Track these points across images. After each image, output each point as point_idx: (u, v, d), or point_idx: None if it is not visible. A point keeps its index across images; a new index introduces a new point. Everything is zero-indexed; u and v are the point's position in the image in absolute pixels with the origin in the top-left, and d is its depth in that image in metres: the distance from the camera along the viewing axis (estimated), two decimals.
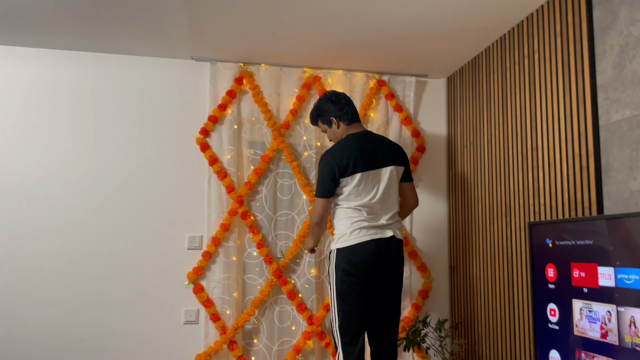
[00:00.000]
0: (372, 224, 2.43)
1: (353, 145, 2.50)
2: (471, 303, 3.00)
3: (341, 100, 2.62)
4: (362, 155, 2.47)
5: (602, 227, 1.83)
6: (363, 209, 2.44)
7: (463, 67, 3.23)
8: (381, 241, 2.42)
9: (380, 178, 2.49)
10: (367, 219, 2.44)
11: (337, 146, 2.53)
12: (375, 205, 2.46)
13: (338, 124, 2.61)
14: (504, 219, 2.68)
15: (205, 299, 3.01)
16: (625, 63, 1.91)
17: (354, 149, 2.48)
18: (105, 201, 3.02)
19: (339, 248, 2.44)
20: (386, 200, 2.50)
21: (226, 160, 3.14)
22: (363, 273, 2.38)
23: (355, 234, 2.41)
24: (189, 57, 3.17)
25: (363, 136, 2.57)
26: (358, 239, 2.41)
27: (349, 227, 2.43)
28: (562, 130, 2.24)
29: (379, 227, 2.44)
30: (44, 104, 3.03)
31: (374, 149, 2.51)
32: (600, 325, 1.83)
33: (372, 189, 2.47)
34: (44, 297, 2.89)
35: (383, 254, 2.41)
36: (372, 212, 2.45)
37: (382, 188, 2.48)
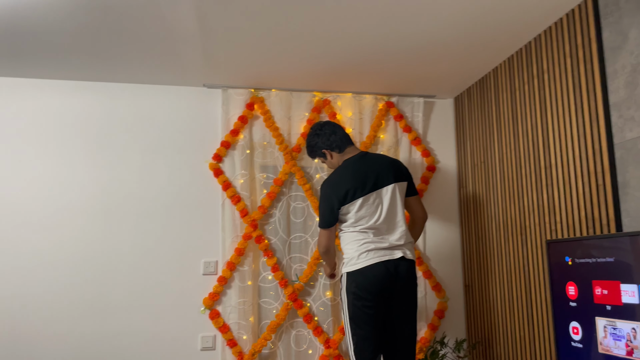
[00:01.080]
0: (380, 245, 2.43)
1: (349, 172, 2.51)
2: (488, 322, 2.99)
3: (326, 131, 2.64)
4: (360, 179, 2.47)
5: (623, 244, 1.85)
6: (369, 231, 2.45)
7: (470, 88, 3.27)
8: (390, 263, 2.40)
9: (383, 198, 2.49)
10: (373, 240, 2.44)
11: (333, 175, 2.57)
12: (381, 226, 2.46)
13: (331, 155, 2.65)
14: (519, 237, 2.70)
15: (221, 325, 3.00)
16: (638, 82, 1.94)
17: (350, 176, 2.49)
18: (120, 229, 3.04)
19: (348, 272, 2.44)
20: (392, 219, 2.49)
21: (239, 184, 3.17)
22: (373, 296, 2.37)
23: (363, 257, 2.41)
24: (201, 84, 3.21)
25: (359, 159, 2.57)
26: (366, 261, 2.40)
27: (357, 250, 2.43)
28: (577, 149, 2.27)
29: (387, 249, 2.44)
30: (58, 135, 3.06)
31: (372, 171, 2.51)
32: (626, 343, 1.83)
33: (376, 210, 2.47)
34: (59, 327, 2.88)
35: (392, 275, 2.40)
36: (378, 234, 2.45)
37: (385, 208, 2.47)
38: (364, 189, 2.46)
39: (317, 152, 2.70)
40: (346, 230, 2.51)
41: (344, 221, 2.52)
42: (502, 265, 2.85)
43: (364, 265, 2.39)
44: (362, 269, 2.39)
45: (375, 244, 2.43)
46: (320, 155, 2.70)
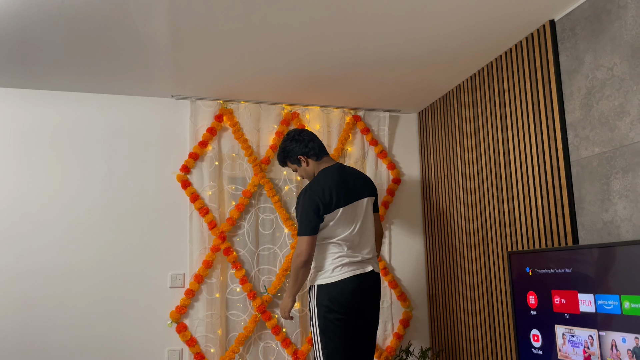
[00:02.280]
0: (353, 259, 2.46)
1: (332, 181, 2.50)
2: (452, 330, 3.09)
3: (305, 138, 2.61)
4: (343, 189, 2.48)
5: (581, 256, 1.97)
6: (343, 243, 2.46)
7: (434, 103, 3.39)
8: (362, 276, 2.44)
9: (358, 211, 2.51)
10: (347, 254, 2.46)
11: (315, 182, 2.52)
12: (355, 239, 2.48)
13: (307, 162, 2.60)
14: (481, 248, 2.81)
15: (189, 338, 2.98)
16: (592, 104, 2.08)
17: (333, 184, 2.48)
18: (85, 241, 2.97)
19: (320, 285, 2.44)
20: (364, 232, 2.53)
21: (207, 196, 3.16)
22: (346, 309, 2.40)
23: (337, 270, 2.42)
24: (169, 95, 3.20)
25: (338, 169, 2.58)
26: (340, 275, 2.41)
27: (331, 264, 2.44)
28: (536, 165, 2.39)
29: (359, 262, 2.47)
30: (20, 144, 2.97)
31: (351, 182, 2.54)
32: (583, 349, 1.94)
33: (352, 222, 2.48)
34: (21, 343, 2.78)
35: (365, 289, 2.45)
36: (352, 247, 2.48)
37: (360, 221, 2.50)
38: (346, 200, 2.47)
39: (291, 158, 2.62)
40: (320, 243, 2.50)
41: (321, 232, 2.48)
42: (465, 275, 2.96)
43: (339, 279, 2.41)
44: (336, 282, 2.41)
45: (349, 257, 2.45)
46: (294, 161, 2.63)
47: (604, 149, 2.02)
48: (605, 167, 2.01)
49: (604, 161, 2.02)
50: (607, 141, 2.01)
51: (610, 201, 1.98)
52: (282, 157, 2.67)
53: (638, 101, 1.88)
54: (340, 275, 2.42)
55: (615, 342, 1.80)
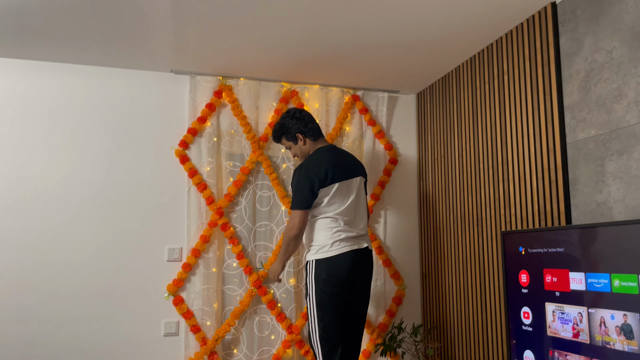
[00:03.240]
0: (350, 234, 2.54)
1: (327, 157, 2.60)
2: (443, 308, 3.15)
3: (305, 117, 2.69)
4: (337, 165, 2.58)
5: (573, 236, 2.01)
6: (340, 218, 2.55)
7: (433, 84, 3.40)
8: (359, 252, 2.55)
9: (352, 188, 2.61)
10: (344, 229, 2.54)
11: (311, 159, 2.62)
12: (350, 214, 2.58)
13: (304, 140, 2.68)
14: (475, 228, 2.85)
15: (185, 311, 3.02)
16: (591, 87, 2.11)
17: (328, 160, 2.58)
18: (84, 213, 2.99)
19: (318, 259, 2.51)
20: (358, 209, 2.64)
21: (205, 172, 3.17)
22: (343, 283, 2.48)
23: (336, 245, 2.51)
24: (169, 70, 3.19)
25: (332, 149, 2.69)
26: (339, 249, 2.50)
27: (330, 238, 2.52)
28: (532, 146, 2.42)
29: (355, 238, 2.56)
30: (20, 115, 2.97)
31: (345, 160, 2.66)
32: (572, 326, 2.00)
33: (347, 198, 2.58)
34: (18, 312, 2.82)
35: (360, 265, 2.55)
36: (348, 222, 2.57)
37: (353, 197, 2.60)
38: (341, 176, 2.57)
39: (288, 135, 2.69)
40: (318, 217, 2.57)
41: (317, 205, 2.57)
42: (458, 254, 3.01)
43: (337, 254, 2.49)
44: (334, 257, 2.49)
45: (347, 232, 2.53)
46: (291, 138, 2.69)
47: (600, 131, 2.05)
48: (600, 149, 2.04)
49: (600, 143, 2.05)
50: (603, 124, 2.04)
51: (604, 182, 2.02)
52: (278, 133, 2.74)
53: (636, 84, 1.91)
54: (339, 249, 2.50)
55: (604, 319, 1.86)
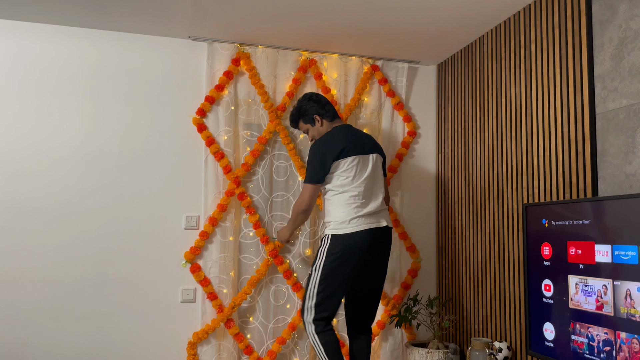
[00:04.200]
0: (368, 211, 2.56)
1: (343, 133, 2.65)
2: (459, 281, 3.14)
3: (322, 100, 2.76)
4: (353, 141, 2.61)
5: (600, 207, 1.97)
6: (359, 194, 2.56)
7: (455, 55, 3.33)
8: (378, 230, 2.56)
9: (369, 163, 2.63)
10: (363, 204, 2.56)
11: (327, 134, 2.67)
12: (368, 190, 2.59)
13: (322, 122, 2.74)
14: (495, 201, 2.82)
15: (202, 278, 3.04)
16: (624, 55, 2.04)
17: (344, 136, 2.63)
18: (102, 180, 2.99)
19: (335, 234, 2.53)
20: (376, 184, 2.65)
21: (223, 141, 3.15)
22: (357, 260, 2.51)
23: (354, 222, 2.53)
24: (187, 36, 3.14)
25: (348, 127, 2.73)
26: (357, 227, 2.52)
27: (348, 215, 2.54)
28: (559, 117, 2.37)
29: (374, 215, 2.58)
30: (36, 80, 2.95)
31: (361, 138, 2.68)
32: (596, 299, 1.98)
33: (364, 172, 2.60)
34: (40, 276, 2.85)
35: (378, 243, 2.57)
36: (366, 197, 2.58)
37: (369, 173, 2.62)
38: (357, 150, 2.59)
39: (307, 117, 2.76)
40: (337, 192, 2.59)
41: (333, 182, 2.59)
42: (476, 227, 2.98)
43: (354, 230, 2.51)
44: (352, 233, 2.51)
45: (365, 209, 2.55)
46: (309, 121, 2.76)
47: (632, 101, 1.99)
48: (632, 120, 1.99)
49: (632, 113, 1.99)
50: (636, 93, 1.98)
51: (634, 154, 1.97)
52: (296, 116, 2.80)
53: None
54: (357, 226, 2.52)
55: (630, 291, 1.83)
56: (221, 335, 3.05)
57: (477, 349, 2.66)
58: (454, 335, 3.17)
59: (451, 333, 3.19)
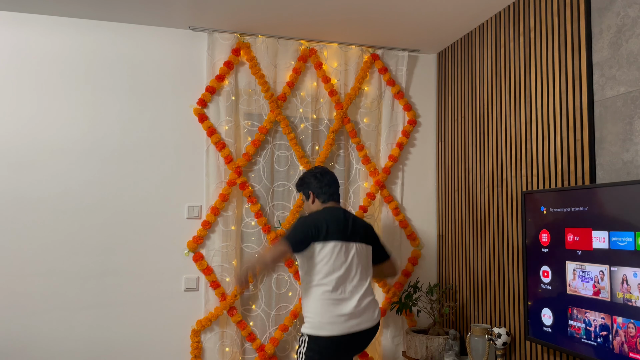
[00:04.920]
0: (347, 312, 2.37)
1: (329, 214, 2.51)
2: (459, 268, 3.17)
3: (324, 179, 2.64)
4: (337, 225, 2.46)
5: (598, 194, 2.00)
6: (334, 289, 2.38)
7: (455, 43, 3.33)
8: (355, 335, 2.39)
9: (352, 253, 2.47)
10: (340, 301, 2.38)
11: (315, 212, 2.56)
12: (348, 283, 2.42)
13: (314, 200, 2.64)
14: (495, 189, 2.84)
15: (205, 267, 3.07)
16: (622, 43, 2.05)
17: (329, 217, 2.49)
18: (104, 170, 3.02)
19: (311, 335, 2.37)
20: (358, 275, 2.47)
21: (224, 131, 3.17)
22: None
23: (329, 323, 2.35)
24: (186, 26, 3.15)
25: (340, 210, 2.59)
26: (331, 330, 2.35)
27: (323, 314, 2.36)
28: (557, 105, 2.38)
29: (353, 315, 2.39)
30: (37, 71, 2.96)
31: (350, 224, 2.52)
32: (593, 284, 2.01)
33: (345, 262, 2.43)
34: (44, 267, 2.89)
35: (358, 345, 2.45)
36: (343, 292, 2.40)
37: (353, 264, 2.45)
38: (339, 236, 2.44)
39: (304, 190, 2.68)
40: (311, 283, 2.43)
41: (308, 268, 2.45)
42: (476, 215, 3.01)
43: (329, 335, 2.34)
44: (325, 337, 2.34)
45: (342, 308, 2.37)
46: (305, 194, 2.68)
47: (630, 88, 2.00)
48: (629, 107, 2.00)
49: (629, 101, 2.01)
50: (633, 80, 1.99)
51: (632, 141, 1.99)
52: (298, 183, 2.74)
53: None
54: (331, 330, 2.34)
55: (627, 277, 1.86)
56: (224, 322, 3.09)
57: (476, 334, 2.69)
58: (454, 321, 3.21)
59: (451, 319, 3.23)
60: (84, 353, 2.91)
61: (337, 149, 3.36)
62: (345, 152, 3.37)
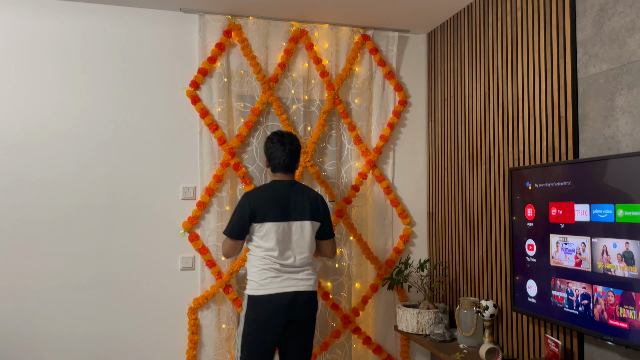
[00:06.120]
0: (281, 276, 2.53)
1: (268, 192, 2.60)
2: (449, 245, 3.26)
3: (277, 146, 2.64)
4: (275, 204, 2.56)
5: (580, 169, 2.07)
6: (272, 257, 2.54)
7: (444, 23, 3.37)
8: (289, 294, 2.52)
9: (292, 230, 2.58)
10: (276, 268, 2.53)
11: (255, 190, 2.65)
12: (283, 255, 2.55)
13: (267, 167, 2.73)
14: (483, 167, 2.91)
15: (200, 247, 3.14)
16: (604, 21, 2.10)
17: (269, 197, 2.58)
18: (99, 152, 3.05)
19: (250, 295, 2.54)
20: (295, 249, 2.59)
21: (217, 112, 3.21)
22: (271, 324, 2.50)
23: (267, 282, 2.52)
24: (177, 8, 3.16)
25: (286, 186, 2.64)
26: (267, 290, 2.51)
27: (259, 276, 2.53)
28: (543, 83, 2.44)
29: (288, 279, 2.54)
30: (29, 54, 2.98)
31: (289, 201, 2.59)
32: (575, 255, 2.09)
33: (282, 240, 2.55)
34: (41, 248, 2.94)
35: (293, 307, 2.52)
36: (281, 260, 2.54)
37: (293, 240, 2.57)
38: (276, 216, 2.54)
39: (264, 153, 2.75)
40: (251, 252, 2.61)
41: (251, 239, 2.61)
42: (465, 193, 3.08)
43: (265, 294, 2.50)
44: (262, 296, 2.50)
45: (277, 273, 2.53)
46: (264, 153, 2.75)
47: (611, 65, 2.06)
48: (611, 84, 2.06)
49: (611, 78, 2.06)
50: (615, 58, 2.05)
51: (613, 117, 2.05)
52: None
53: None
54: (268, 289, 2.50)
55: (606, 248, 1.94)
56: (220, 300, 3.16)
57: (465, 307, 2.78)
58: (443, 296, 3.30)
59: (441, 294, 3.32)
60: (83, 331, 2.97)
61: (329, 130, 3.41)
62: (337, 133, 3.42)
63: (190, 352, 3.08)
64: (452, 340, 2.89)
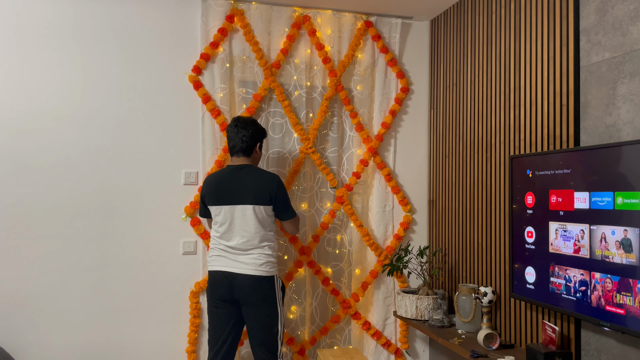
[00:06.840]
0: (223, 256, 2.70)
1: (218, 179, 2.75)
2: (449, 232, 3.28)
3: (231, 133, 2.77)
4: (219, 189, 2.70)
5: (580, 157, 2.08)
6: (217, 238, 2.73)
7: (448, 10, 3.36)
8: (228, 274, 2.66)
9: (235, 213, 2.68)
10: (220, 248, 2.71)
11: (210, 175, 2.82)
12: (227, 237, 2.69)
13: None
14: (484, 154, 2.92)
15: (202, 232, 3.16)
16: (608, 9, 2.10)
17: (216, 182, 2.74)
18: (101, 136, 3.06)
19: (209, 269, 2.78)
20: (239, 232, 2.67)
21: (219, 98, 3.21)
22: (217, 298, 2.69)
23: (211, 260, 2.74)
24: None
25: (234, 170, 2.75)
26: (212, 266, 2.73)
27: (209, 254, 2.79)
28: (545, 71, 2.44)
29: (227, 259, 2.69)
30: (31, 36, 2.97)
31: (233, 186, 2.69)
32: (574, 243, 2.11)
33: (225, 222, 2.69)
34: (43, 230, 2.96)
35: (230, 286, 2.65)
36: (224, 242, 2.70)
37: (237, 223, 2.68)
38: (218, 201, 2.71)
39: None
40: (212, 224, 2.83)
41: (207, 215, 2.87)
42: (466, 180, 3.09)
43: (211, 269, 2.74)
44: (210, 271, 2.74)
45: (221, 252, 2.70)
46: None
47: (614, 54, 2.06)
48: (613, 72, 2.07)
49: (613, 66, 2.07)
50: (617, 46, 2.05)
51: (614, 105, 2.06)
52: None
53: None
54: (212, 266, 2.73)
55: (605, 235, 1.96)
56: None
57: (463, 293, 2.81)
58: (442, 282, 3.33)
59: (440, 280, 3.35)
60: (84, 314, 3.01)
61: (331, 117, 3.41)
62: (339, 120, 3.42)
63: (192, 335, 3.11)
64: (451, 326, 2.92)
